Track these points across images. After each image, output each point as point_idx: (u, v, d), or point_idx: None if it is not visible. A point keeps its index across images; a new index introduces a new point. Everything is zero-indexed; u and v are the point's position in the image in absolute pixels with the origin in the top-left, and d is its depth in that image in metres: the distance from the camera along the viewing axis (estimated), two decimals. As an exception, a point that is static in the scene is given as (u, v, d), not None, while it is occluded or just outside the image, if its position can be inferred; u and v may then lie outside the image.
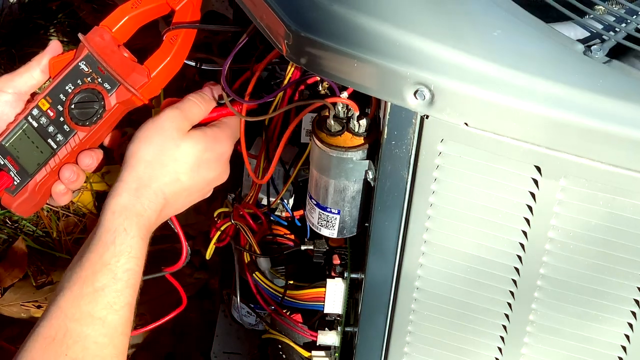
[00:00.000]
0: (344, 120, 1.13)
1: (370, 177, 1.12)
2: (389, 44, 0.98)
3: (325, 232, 1.20)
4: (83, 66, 1.21)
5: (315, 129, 1.14)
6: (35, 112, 1.21)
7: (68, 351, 1.04)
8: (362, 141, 1.12)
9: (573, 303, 1.09)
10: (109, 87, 1.20)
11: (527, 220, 1.05)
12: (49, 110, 1.20)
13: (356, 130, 1.12)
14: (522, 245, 1.07)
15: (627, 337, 1.10)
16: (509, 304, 1.12)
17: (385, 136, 1.05)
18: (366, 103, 1.13)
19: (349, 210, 1.17)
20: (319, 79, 1.17)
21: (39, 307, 2.11)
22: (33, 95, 1.24)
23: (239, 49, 1.21)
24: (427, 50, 0.98)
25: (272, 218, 1.35)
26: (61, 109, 1.20)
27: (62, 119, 1.20)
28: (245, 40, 1.20)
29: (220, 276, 1.76)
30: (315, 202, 1.18)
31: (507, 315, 1.13)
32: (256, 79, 1.19)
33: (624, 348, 1.11)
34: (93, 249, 1.09)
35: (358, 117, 1.12)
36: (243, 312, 1.49)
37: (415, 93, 0.99)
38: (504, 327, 1.14)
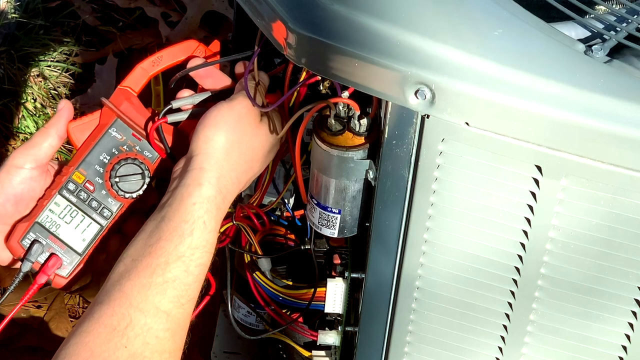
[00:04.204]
0: (345, 120, 1.13)
1: (371, 176, 1.12)
2: (390, 44, 0.98)
3: (326, 231, 1.20)
4: (115, 133, 1.15)
5: (316, 129, 1.14)
6: (71, 186, 1.14)
7: (128, 344, 1.00)
8: (363, 141, 1.12)
9: (574, 303, 1.09)
10: (150, 155, 1.16)
11: (528, 220, 1.05)
12: (87, 184, 1.14)
13: (357, 129, 1.12)
14: (523, 245, 1.07)
15: (628, 337, 1.10)
16: (510, 304, 1.12)
17: (386, 136, 1.05)
18: (367, 102, 1.13)
19: (349, 210, 1.17)
20: (319, 78, 1.17)
21: (39, 307, 2.10)
22: (57, 164, 1.18)
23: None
24: (428, 49, 0.98)
25: (272, 218, 1.35)
26: (100, 181, 1.15)
27: (104, 191, 1.15)
28: (258, 51, 1.18)
29: (219, 276, 1.76)
30: (316, 202, 1.18)
31: (507, 315, 1.13)
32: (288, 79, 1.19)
33: (625, 348, 1.11)
34: (167, 237, 1.05)
35: (359, 116, 1.12)
36: (243, 312, 1.49)
37: (416, 93, 0.99)
38: (505, 326, 1.14)
